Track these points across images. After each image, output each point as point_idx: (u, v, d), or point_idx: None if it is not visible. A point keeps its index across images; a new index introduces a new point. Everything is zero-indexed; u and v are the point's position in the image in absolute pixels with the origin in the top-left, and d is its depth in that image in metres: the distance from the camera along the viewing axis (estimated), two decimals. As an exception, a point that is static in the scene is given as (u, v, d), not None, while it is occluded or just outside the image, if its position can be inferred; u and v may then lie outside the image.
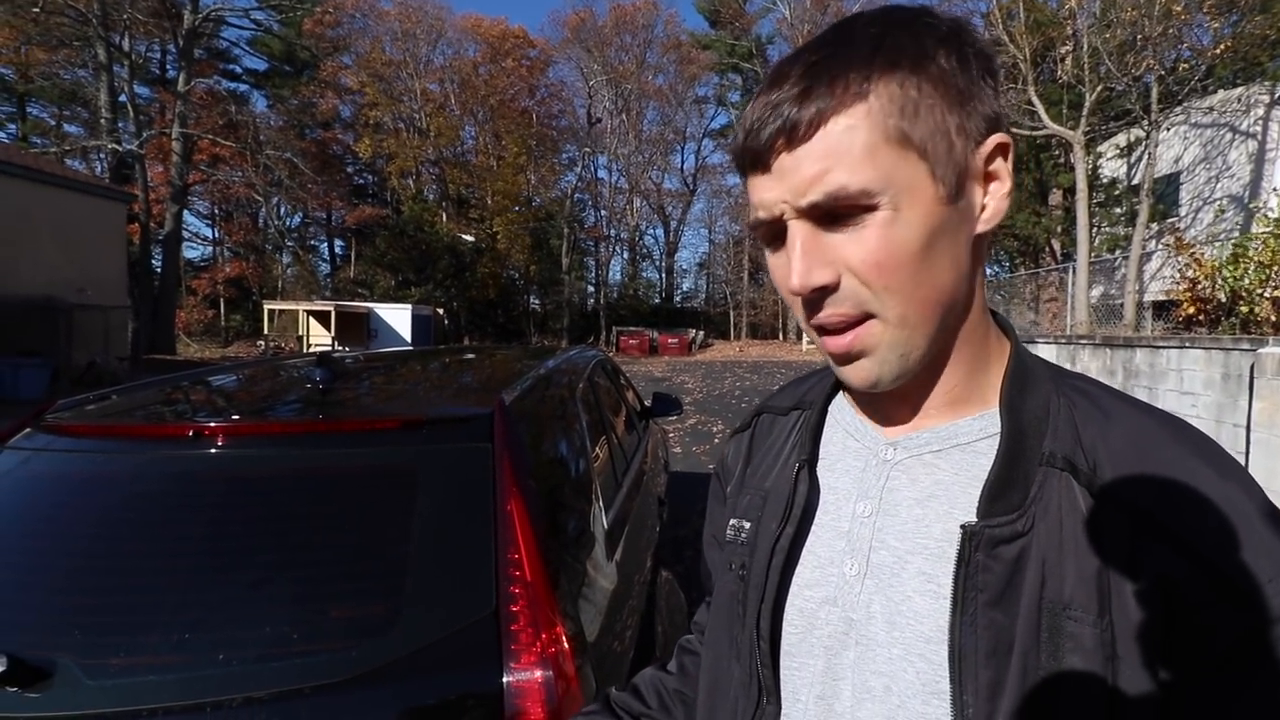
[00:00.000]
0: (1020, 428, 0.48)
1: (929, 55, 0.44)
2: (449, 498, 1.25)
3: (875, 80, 0.44)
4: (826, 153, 0.44)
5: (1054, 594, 0.43)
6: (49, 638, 1.02)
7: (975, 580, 0.45)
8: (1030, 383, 0.50)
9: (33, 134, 29.10)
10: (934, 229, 0.45)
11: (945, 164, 0.44)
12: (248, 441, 1.33)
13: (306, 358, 2.30)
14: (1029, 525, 0.45)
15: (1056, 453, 0.46)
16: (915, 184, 0.44)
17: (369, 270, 33.62)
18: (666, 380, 17.40)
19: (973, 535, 0.45)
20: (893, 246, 0.44)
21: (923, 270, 0.45)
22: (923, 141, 0.44)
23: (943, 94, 0.44)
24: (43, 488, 1.32)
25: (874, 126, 0.43)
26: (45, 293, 14.19)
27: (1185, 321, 8.37)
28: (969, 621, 0.44)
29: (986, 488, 0.47)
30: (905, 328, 0.46)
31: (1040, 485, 0.46)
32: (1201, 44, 10.63)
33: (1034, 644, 0.43)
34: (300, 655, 1.02)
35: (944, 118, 0.44)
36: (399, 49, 33.78)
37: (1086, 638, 0.41)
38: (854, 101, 0.43)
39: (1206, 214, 11.95)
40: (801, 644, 0.53)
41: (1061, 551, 0.44)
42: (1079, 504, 0.44)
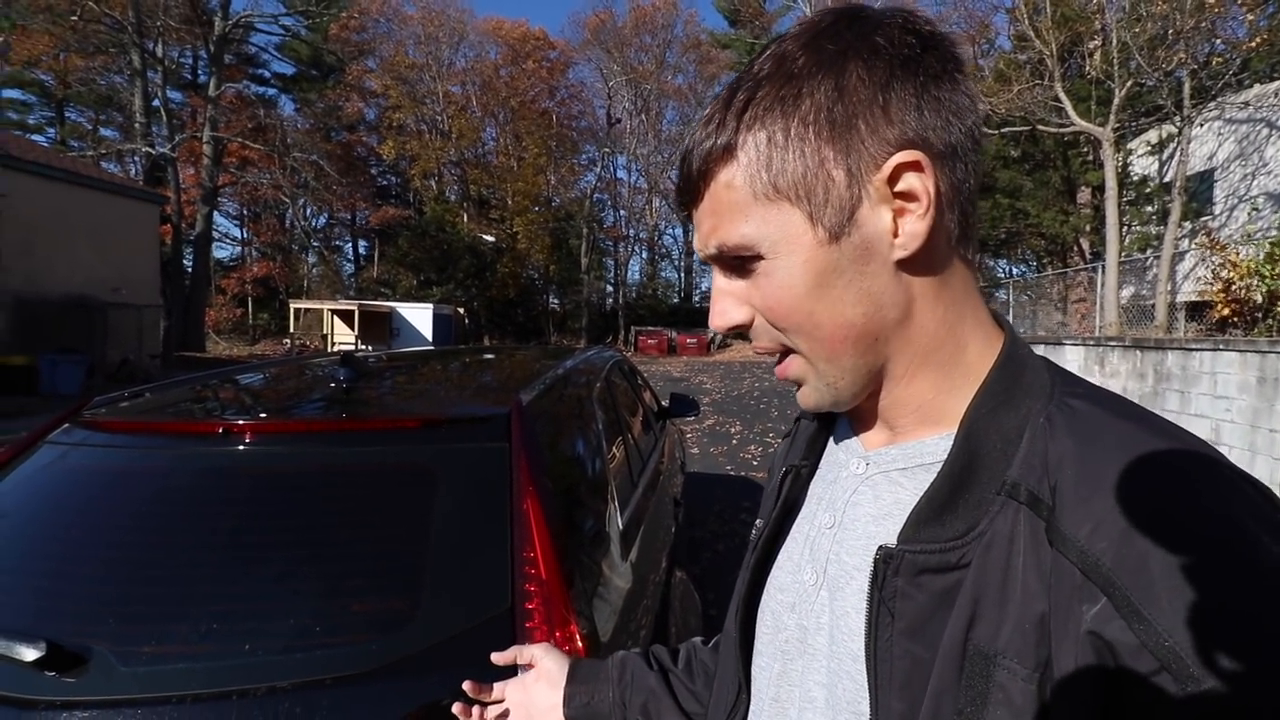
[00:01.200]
0: (974, 450, 0.43)
1: (800, 94, 0.44)
2: (467, 496, 1.27)
3: (743, 135, 0.45)
4: (714, 209, 0.47)
5: (985, 638, 0.38)
6: (85, 625, 1.06)
7: (891, 606, 0.42)
8: (1011, 400, 0.44)
9: (70, 138, 30.01)
10: (820, 271, 0.45)
11: (823, 204, 0.44)
12: (274, 439, 1.37)
13: (331, 357, 2.35)
14: (966, 559, 0.40)
15: (1020, 483, 0.40)
16: (790, 231, 0.45)
17: (392, 270, 34.09)
18: (685, 380, 17.38)
19: (889, 558, 0.43)
20: (780, 293, 0.46)
21: (819, 311, 0.45)
22: (792, 188, 0.44)
23: (816, 131, 0.43)
24: (80, 481, 1.37)
25: (744, 183, 0.45)
26: (81, 291, 14.63)
27: (1219, 323, 8.15)
28: (884, 648, 0.42)
29: (915, 511, 0.43)
30: (820, 361, 0.47)
31: (994, 517, 0.40)
32: (1236, 37, 10.34)
33: (953, 687, 0.39)
34: (322, 647, 1.05)
35: (817, 155, 0.44)
36: (422, 52, 34.21)
37: (1017, 693, 0.36)
38: (726, 160, 0.46)
39: (1242, 212, 11.61)
40: (769, 644, 0.55)
41: (1004, 593, 0.38)
42: (1036, 541, 0.39)
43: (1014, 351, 0.47)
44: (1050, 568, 0.37)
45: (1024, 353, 0.47)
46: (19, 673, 0.99)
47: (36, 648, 0.97)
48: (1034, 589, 0.37)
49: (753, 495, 5.94)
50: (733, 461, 7.54)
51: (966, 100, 0.45)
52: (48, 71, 27.17)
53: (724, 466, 7.26)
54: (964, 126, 0.44)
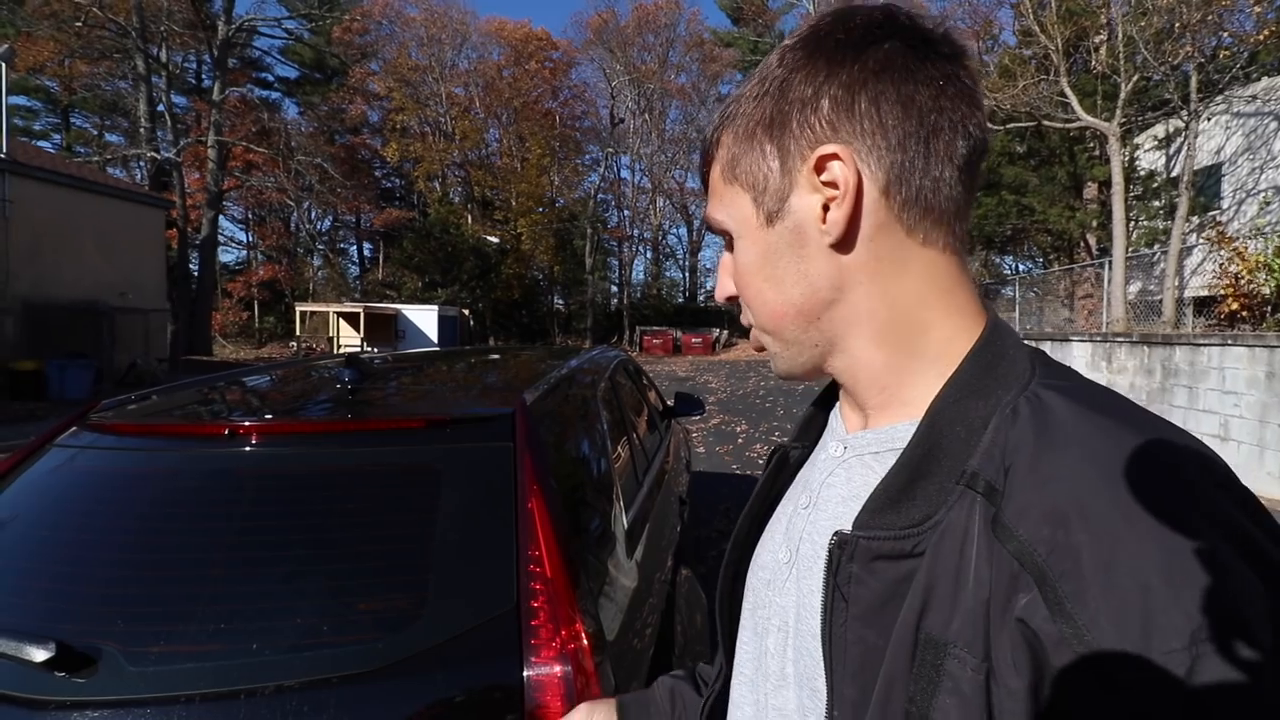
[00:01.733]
0: (936, 439, 0.43)
1: (761, 95, 0.50)
2: (472, 495, 1.28)
3: (719, 136, 0.54)
4: (712, 192, 0.55)
5: (936, 627, 0.38)
6: (94, 626, 1.07)
7: (846, 591, 0.43)
8: (982, 389, 0.44)
9: (76, 143, 30.23)
10: (763, 252, 0.51)
11: (763, 192, 0.50)
12: (280, 440, 1.37)
13: (336, 359, 2.36)
14: (921, 547, 0.40)
15: (979, 473, 0.40)
16: (743, 215, 0.52)
17: (397, 272, 34.20)
18: (690, 380, 17.37)
19: (844, 544, 0.44)
20: (740, 269, 0.53)
21: (765, 289, 0.52)
22: (744, 178, 0.51)
23: (763, 127, 0.50)
24: (89, 483, 1.38)
25: (718, 171, 0.54)
26: (89, 296, 14.73)
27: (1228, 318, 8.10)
28: (839, 633, 0.43)
29: (871, 498, 0.44)
30: (768, 334, 0.54)
31: (951, 506, 0.40)
32: (1244, 30, 10.25)
33: (904, 673, 0.39)
34: (329, 646, 1.05)
35: (761, 149, 0.50)
36: (425, 54, 34.28)
37: (966, 682, 0.37)
38: (713, 156, 0.54)
39: (1250, 206, 11.53)
40: (749, 619, 0.57)
41: (957, 582, 0.38)
42: (987, 532, 0.39)
43: (992, 340, 0.47)
44: (993, 555, 0.37)
45: (1004, 343, 0.47)
46: (29, 673, 1.00)
47: (46, 648, 0.98)
48: (981, 577, 0.38)
49: (758, 494, 5.91)
50: (738, 460, 7.53)
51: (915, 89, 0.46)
52: (53, 78, 27.37)
53: (730, 465, 7.26)
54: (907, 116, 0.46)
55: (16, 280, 13.28)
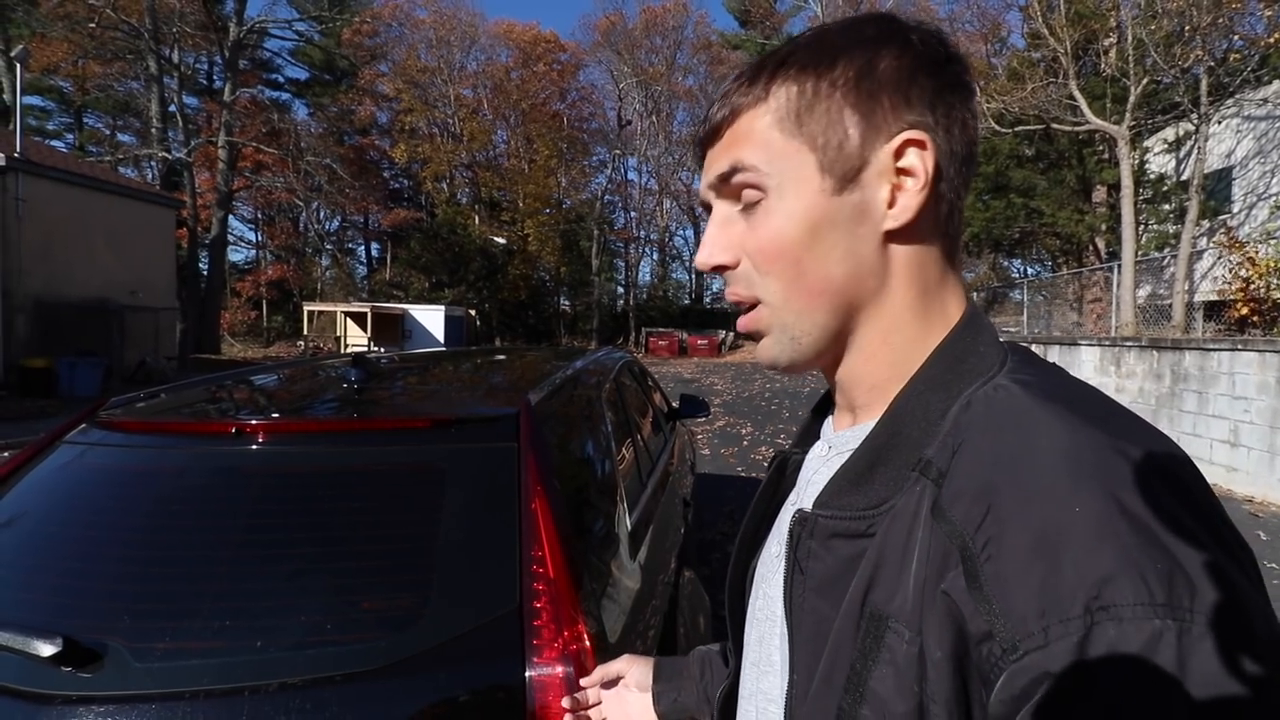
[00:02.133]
0: (895, 429, 0.45)
1: (836, 61, 0.47)
2: (476, 495, 1.28)
3: (776, 82, 0.48)
4: (731, 142, 0.50)
5: (880, 601, 0.41)
6: (101, 622, 1.07)
7: (804, 565, 0.46)
8: (945, 382, 0.46)
9: (88, 143, 30.52)
10: (817, 220, 0.47)
11: (835, 156, 0.47)
12: (286, 439, 1.38)
13: (343, 358, 2.37)
14: (874, 528, 0.43)
15: (933, 461, 0.42)
16: (801, 174, 0.47)
17: (404, 272, 34.35)
18: (695, 382, 17.36)
19: (803, 520, 0.47)
20: (774, 234, 0.48)
21: (806, 259, 0.47)
22: (813, 135, 0.47)
23: (844, 93, 0.47)
24: (97, 480, 1.39)
25: (771, 120, 0.48)
26: (100, 295, 14.86)
27: (1238, 323, 8.04)
28: (797, 603, 0.47)
29: (831, 480, 0.47)
30: (789, 313, 0.49)
31: (905, 492, 0.43)
32: (1255, 32, 10.18)
33: (849, 643, 0.42)
34: (332, 644, 1.06)
35: (840, 115, 0.47)
36: (434, 56, 34.44)
37: (901, 654, 0.39)
38: (756, 101, 0.49)
39: (1261, 210, 11.42)
40: (752, 614, 0.60)
41: (903, 562, 0.41)
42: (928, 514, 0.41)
43: (961, 337, 0.48)
44: (929, 535, 0.40)
45: (975, 340, 0.48)
46: (36, 668, 1.00)
47: (53, 643, 0.99)
48: (921, 556, 0.40)
49: (763, 497, 5.90)
50: (743, 463, 7.52)
51: (971, 118, 0.48)
52: (66, 78, 27.66)
53: (735, 468, 7.24)
54: (964, 138, 0.48)
55: (29, 278, 13.41)
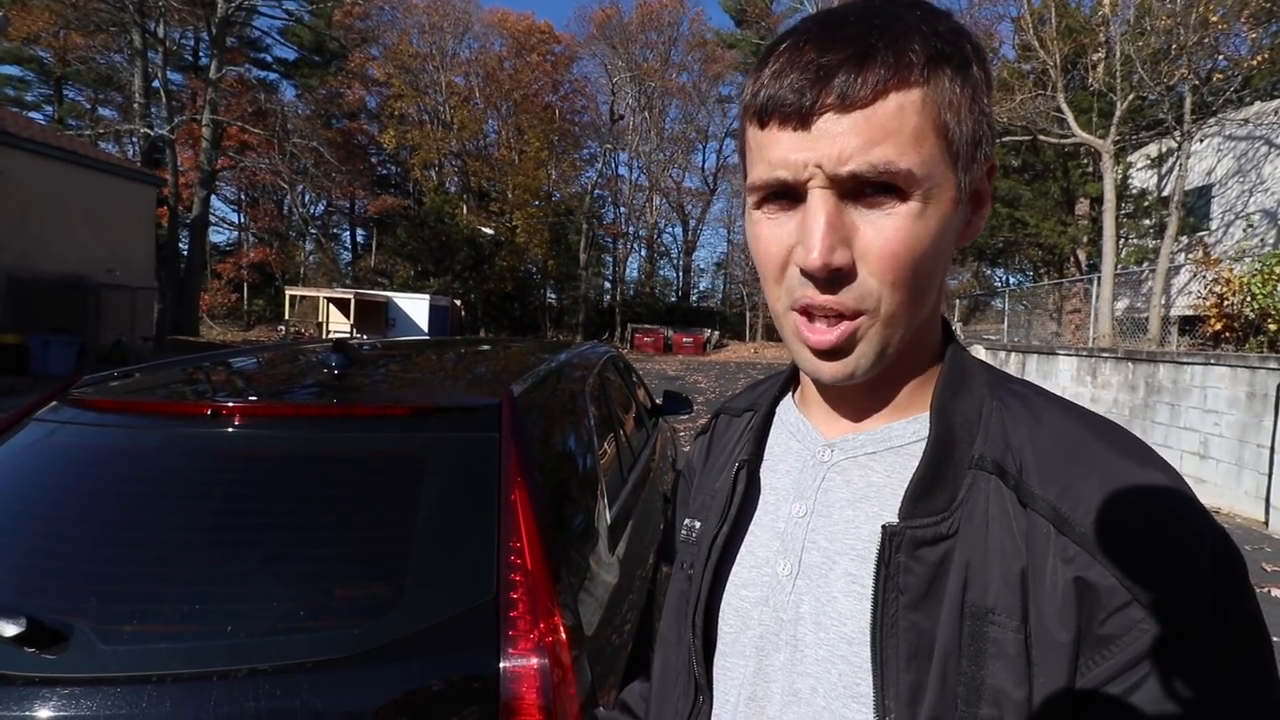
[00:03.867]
0: (949, 430, 0.47)
1: (970, 62, 0.44)
2: (455, 485, 1.27)
3: (934, 67, 0.42)
4: (878, 126, 0.42)
5: (977, 598, 0.42)
6: (67, 603, 1.05)
7: (896, 581, 0.44)
8: (964, 386, 0.50)
9: (68, 117, 29.79)
10: (945, 231, 0.45)
11: (966, 169, 0.45)
12: (262, 422, 1.36)
13: (324, 343, 2.34)
14: (954, 528, 0.44)
15: (986, 456, 0.45)
16: (944, 182, 0.44)
17: (389, 260, 33.98)
18: (680, 379, 17.39)
19: (893, 536, 0.45)
20: (912, 240, 0.43)
21: (927, 270, 0.45)
22: (958, 143, 0.44)
23: (975, 103, 0.44)
24: (67, 459, 1.37)
25: (926, 114, 0.42)
26: (75, 272, 14.53)
27: (1212, 338, 8.21)
28: (890, 623, 0.44)
29: (910, 489, 0.46)
30: (891, 326, 0.45)
31: (969, 488, 0.45)
32: (1239, 53, 10.38)
33: (955, 648, 0.42)
34: (304, 631, 1.05)
35: (974, 126, 0.45)
36: (426, 42, 34.07)
37: (1009, 644, 0.40)
38: (914, 83, 0.42)
39: (1238, 229, 11.68)
40: (735, 644, 0.53)
41: (987, 555, 0.42)
42: (1006, 507, 0.43)
43: (957, 348, 0.53)
44: (1025, 526, 0.42)
45: (963, 350, 0.53)
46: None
47: (16, 624, 0.97)
48: (1008, 548, 0.42)
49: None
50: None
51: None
52: (47, 48, 26.92)
53: (716, 466, 7.25)
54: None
55: (2, 253, 13.08)
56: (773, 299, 0.48)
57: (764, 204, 0.47)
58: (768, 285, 0.48)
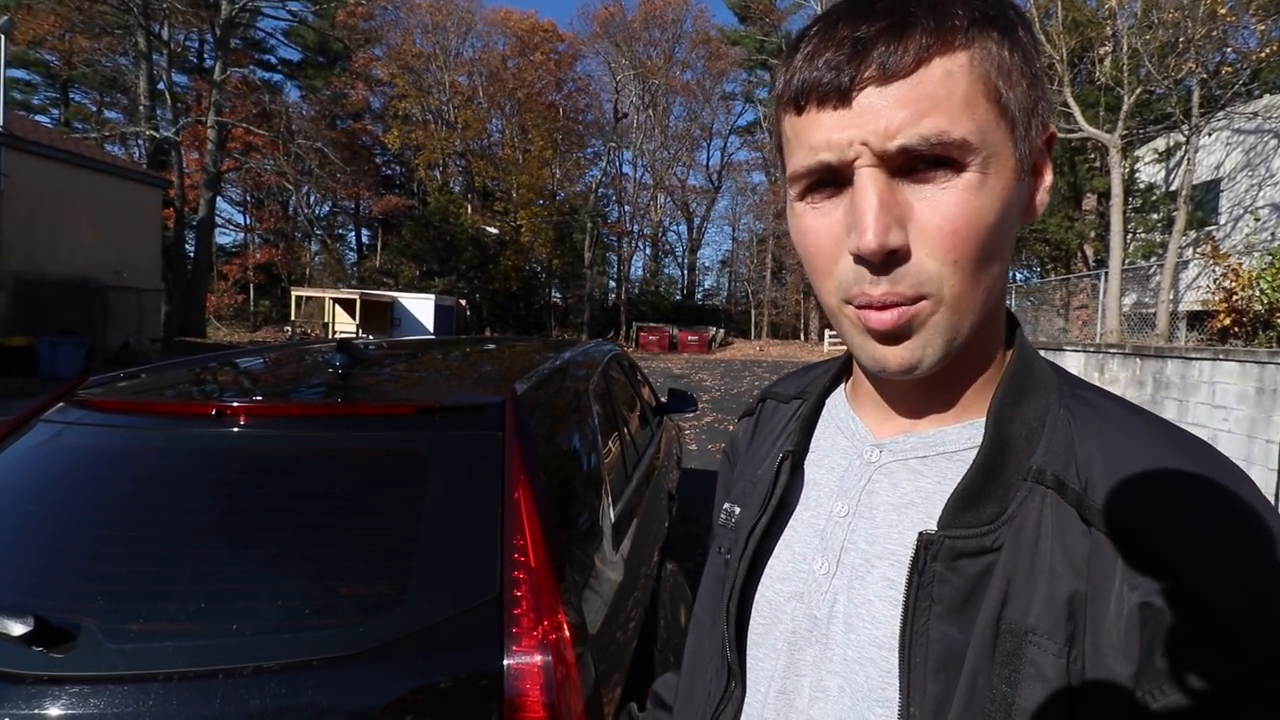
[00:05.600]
0: (1005, 439, 0.44)
1: (1015, 26, 0.42)
2: (459, 483, 1.28)
3: (979, 30, 0.40)
4: (925, 95, 0.39)
5: (1017, 616, 0.40)
6: (74, 602, 1.06)
7: (930, 590, 0.43)
8: (1029, 391, 0.46)
9: (74, 119, 29.98)
10: (1009, 203, 0.41)
11: (1024, 138, 0.42)
12: (268, 422, 1.37)
13: (329, 343, 2.35)
14: (998, 542, 0.42)
15: (1046, 469, 0.42)
16: (1002, 151, 0.41)
17: (394, 260, 34.09)
18: (685, 377, 17.38)
19: (929, 544, 0.43)
20: (973, 214, 0.40)
21: (991, 247, 0.41)
22: (1012, 108, 0.41)
23: (1026, 67, 0.42)
24: (74, 460, 1.37)
25: (976, 78, 0.40)
26: (83, 274, 14.62)
27: (1220, 333, 8.14)
28: (920, 632, 0.43)
29: (954, 497, 0.44)
30: (957, 311, 0.42)
31: (1021, 502, 0.42)
32: (1247, 47, 10.29)
33: (986, 665, 0.40)
34: (310, 629, 1.05)
35: (1027, 91, 0.42)
36: (429, 41, 34.12)
37: (1049, 666, 0.38)
38: (959, 47, 0.40)
39: (1246, 223, 11.59)
40: (767, 635, 0.53)
41: (1033, 573, 0.40)
42: (1064, 524, 0.40)
43: (1025, 346, 0.49)
44: (1087, 548, 0.39)
45: (1031, 349, 0.49)
46: (7, 647, 0.99)
47: (24, 623, 0.97)
48: (1061, 569, 0.39)
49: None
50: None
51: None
52: (53, 52, 27.07)
53: (721, 464, 7.26)
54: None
55: (10, 254, 13.17)
56: (825, 294, 0.45)
57: (807, 194, 0.44)
58: (818, 280, 0.45)
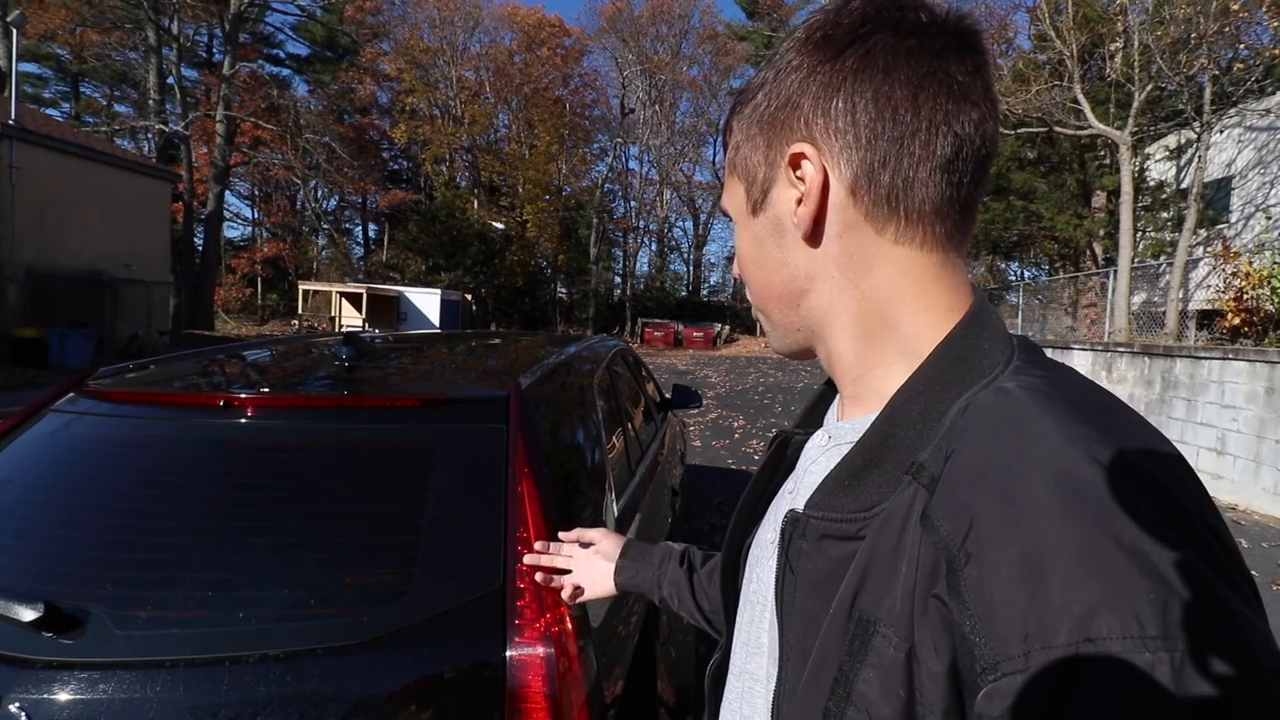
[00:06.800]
0: (889, 430, 0.44)
1: (749, 96, 0.53)
2: (463, 476, 1.28)
3: (729, 129, 0.56)
4: (726, 180, 0.58)
5: (869, 605, 0.41)
6: (83, 589, 1.08)
7: (795, 565, 0.47)
8: (943, 382, 0.44)
9: (85, 113, 30.12)
10: (752, 238, 0.54)
11: (754, 183, 0.53)
12: (274, 413, 1.38)
13: (335, 336, 2.37)
14: (863, 531, 0.43)
15: (926, 465, 0.41)
16: (739, 203, 0.55)
17: (401, 254, 34.13)
18: (690, 373, 17.37)
19: (795, 521, 0.48)
20: (738, 253, 0.57)
21: (755, 272, 0.55)
22: (741, 168, 0.54)
23: (757, 123, 0.52)
24: (83, 449, 1.39)
25: (728, 164, 0.57)
26: (93, 266, 14.73)
27: (1230, 332, 8.08)
28: (788, 602, 0.47)
29: (825, 481, 0.46)
30: (761, 311, 0.57)
31: (898, 494, 0.42)
32: (1261, 43, 10.17)
33: (837, 644, 0.42)
34: (315, 618, 1.06)
35: (754, 145, 0.52)
36: (436, 36, 34.07)
37: (888, 659, 0.39)
38: (727, 142, 0.57)
39: (1258, 221, 11.47)
40: (745, 595, 0.61)
41: (892, 566, 0.40)
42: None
43: (961, 336, 0.46)
44: (918, 544, 0.39)
45: (978, 337, 0.46)
46: (16, 633, 1.01)
47: (35, 609, 0.99)
48: (913, 565, 0.39)
49: (753, 489, 5.94)
50: (734, 455, 7.54)
51: (903, 94, 0.46)
52: (63, 46, 27.21)
53: (725, 460, 7.27)
54: (892, 119, 0.46)
55: (21, 247, 13.28)
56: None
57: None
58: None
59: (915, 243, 0.48)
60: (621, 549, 0.93)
